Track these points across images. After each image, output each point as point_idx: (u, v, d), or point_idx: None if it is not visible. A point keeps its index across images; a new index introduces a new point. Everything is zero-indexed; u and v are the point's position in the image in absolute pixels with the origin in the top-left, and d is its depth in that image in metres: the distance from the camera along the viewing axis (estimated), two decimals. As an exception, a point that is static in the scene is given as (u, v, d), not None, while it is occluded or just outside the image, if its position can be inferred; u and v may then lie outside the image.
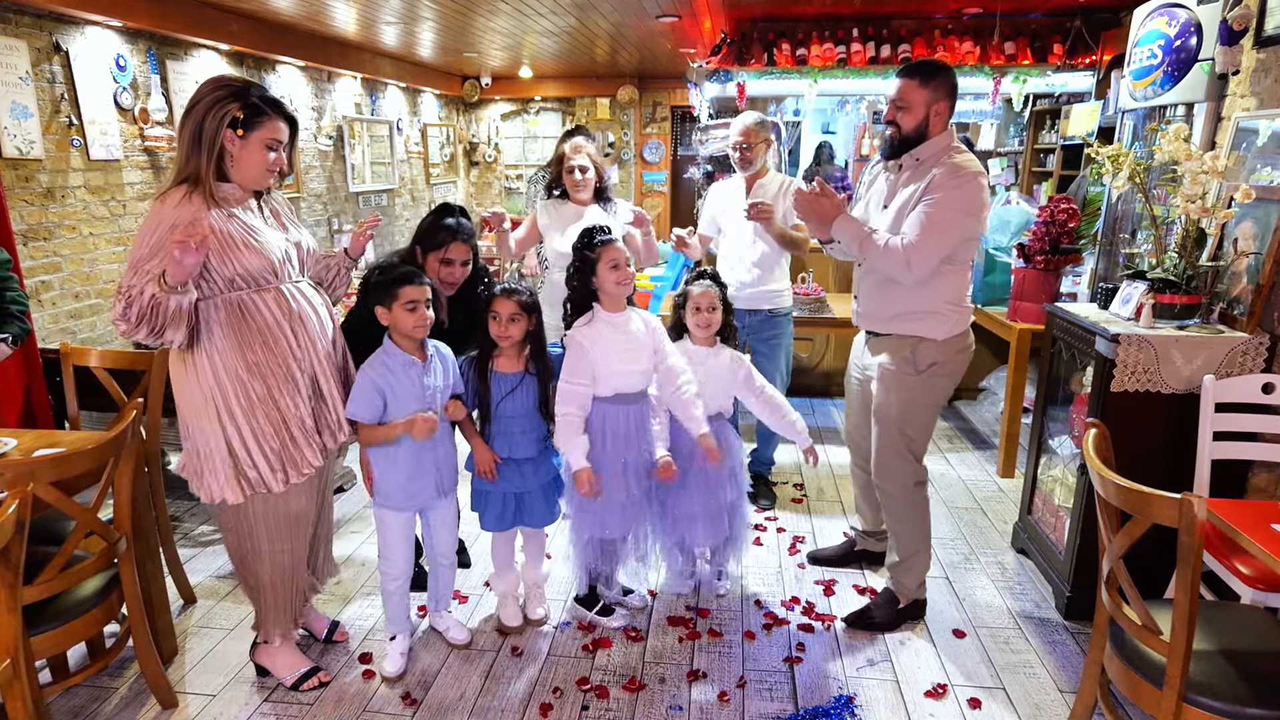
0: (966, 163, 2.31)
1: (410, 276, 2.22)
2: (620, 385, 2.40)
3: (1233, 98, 2.68)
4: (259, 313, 2.05)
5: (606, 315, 2.40)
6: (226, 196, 2.03)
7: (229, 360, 2.03)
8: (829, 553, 3.06)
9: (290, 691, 2.31)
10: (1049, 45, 5.11)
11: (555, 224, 3.14)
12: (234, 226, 2.01)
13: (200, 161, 1.97)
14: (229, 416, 2.05)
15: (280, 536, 2.20)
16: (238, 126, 1.97)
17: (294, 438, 2.12)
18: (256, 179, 2.06)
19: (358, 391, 2.19)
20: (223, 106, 1.95)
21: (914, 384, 2.45)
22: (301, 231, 2.26)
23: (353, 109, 7.19)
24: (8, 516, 1.51)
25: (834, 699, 2.27)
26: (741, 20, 5.38)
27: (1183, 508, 1.47)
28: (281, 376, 2.08)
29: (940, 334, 2.41)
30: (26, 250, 3.77)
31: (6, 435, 2.33)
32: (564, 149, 3.10)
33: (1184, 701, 1.58)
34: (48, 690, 2.05)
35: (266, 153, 2.03)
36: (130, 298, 1.86)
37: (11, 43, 3.70)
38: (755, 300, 3.28)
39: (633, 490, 2.45)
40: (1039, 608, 2.74)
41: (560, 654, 2.50)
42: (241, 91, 1.99)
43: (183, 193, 1.96)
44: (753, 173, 3.27)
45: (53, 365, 3.11)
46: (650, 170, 9.50)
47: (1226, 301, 2.51)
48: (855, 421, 2.81)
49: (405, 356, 2.24)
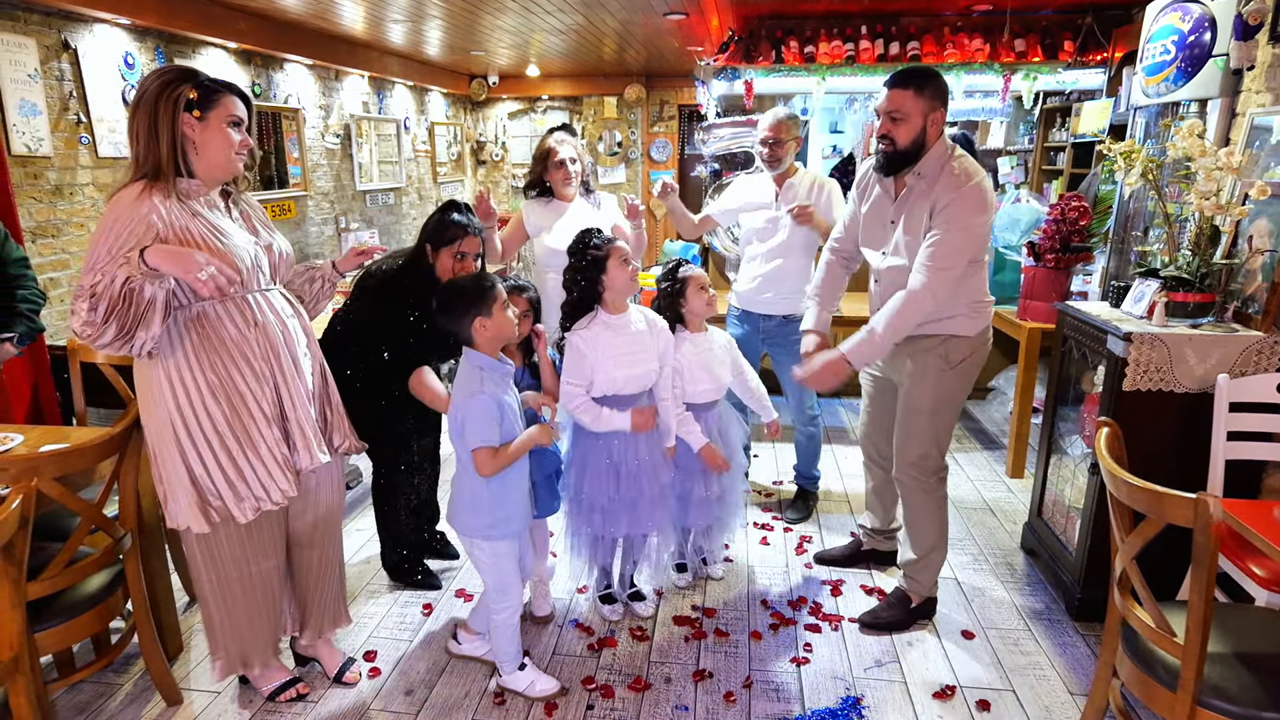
0: (964, 170, 2.26)
1: (490, 278, 2.09)
2: (615, 388, 2.37)
3: (1247, 93, 2.65)
4: (221, 326, 1.89)
5: (607, 317, 2.36)
6: (188, 191, 1.88)
7: (189, 380, 1.87)
8: (836, 553, 3.04)
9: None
10: (1060, 42, 5.07)
11: (544, 221, 3.06)
12: (197, 226, 1.85)
13: (160, 151, 1.82)
14: (190, 443, 1.89)
15: (246, 558, 2.03)
16: (193, 108, 1.83)
17: (263, 465, 1.95)
18: (223, 163, 1.91)
19: (484, 417, 2.00)
20: (174, 89, 1.82)
21: (949, 378, 2.44)
22: (275, 235, 2.09)
23: (360, 108, 7.19)
24: (11, 512, 1.50)
25: (841, 700, 2.25)
26: (749, 18, 5.36)
27: (1198, 508, 1.45)
28: (248, 398, 1.92)
29: (971, 331, 2.42)
30: (35, 247, 3.78)
31: (13, 431, 2.34)
32: (549, 144, 3.02)
33: (1198, 705, 1.55)
34: (53, 686, 2.04)
35: (230, 131, 1.89)
36: (97, 291, 1.69)
37: (21, 40, 3.72)
38: (772, 305, 3.20)
39: (624, 492, 2.40)
40: (1049, 609, 2.71)
41: (565, 653, 2.48)
42: (189, 73, 1.86)
43: (140, 187, 1.81)
44: (781, 172, 3.15)
45: (60, 362, 3.12)
46: (657, 169, 9.48)
47: (1241, 300, 2.48)
48: (870, 418, 2.80)
49: (504, 366, 2.10)
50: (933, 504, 2.54)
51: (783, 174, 3.16)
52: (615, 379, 2.34)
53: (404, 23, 5.68)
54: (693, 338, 2.60)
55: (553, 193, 3.07)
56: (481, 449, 2.02)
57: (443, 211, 2.51)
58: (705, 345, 2.61)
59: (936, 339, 2.43)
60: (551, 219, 3.05)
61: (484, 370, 2.06)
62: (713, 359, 2.60)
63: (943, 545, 2.59)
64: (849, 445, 4.24)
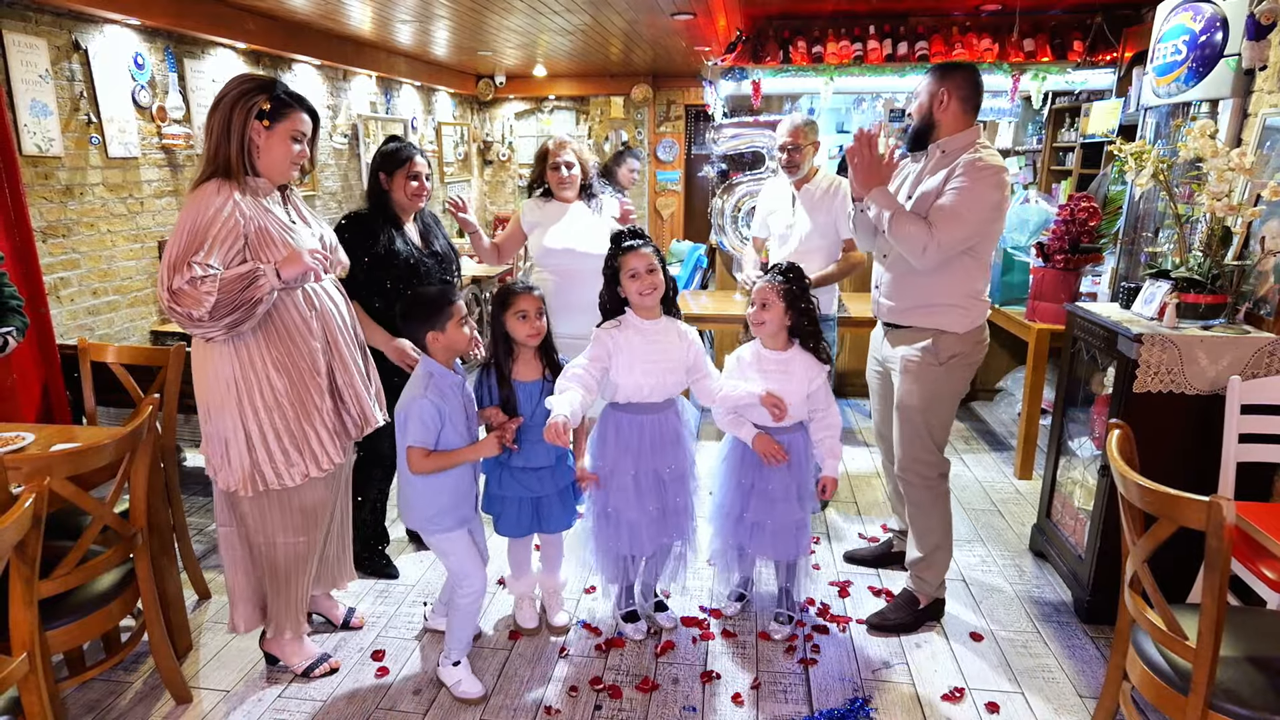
0: (991, 158, 2.31)
1: (452, 294, 2.21)
2: (637, 395, 2.33)
3: (1259, 94, 2.63)
4: (286, 312, 2.09)
5: (637, 322, 2.31)
6: (255, 188, 2.08)
7: (255, 355, 2.07)
8: (866, 554, 3.03)
9: (305, 686, 2.31)
10: (1069, 42, 5.04)
11: (541, 223, 3.06)
12: (270, 221, 2.07)
13: (229, 151, 2.02)
14: (251, 410, 2.08)
15: (294, 528, 2.21)
16: (264, 118, 2.03)
17: (316, 433, 2.15)
18: (281, 171, 2.11)
19: (420, 419, 2.10)
20: (250, 99, 2.02)
21: (937, 375, 2.44)
22: (323, 227, 2.29)
23: (368, 108, 7.21)
24: (24, 510, 1.51)
25: (849, 701, 2.25)
26: (757, 18, 5.35)
27: (1211, 511, 1.44)
28: (306, 373, 2.12)
29: (960, 327, 2.42)
30: (45, 247, 3.79)
31: (24, 430, 2.35)
32: (548, 145, 3.03)
33: (1210, 708, 1.54)
34: (63, 684, 2.06)
35: (291, 144, 2.09)
36: (201, 289, 1.90)
37: (32, 41, 3.73)
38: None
39: (648, 507, 2.36)
40: (1057, 611, 2.70)
41: (573, 653, 2.48)
42: (268, 85, 2.06)
43: (217, 184, 2.01)
44: (800, 177, 3.15)
45: (69, 361, 3.13)
46: (664, 169, 9.48)
47: (1253, 301, 2.46)
48: (881, 415, 2.80)
49: (453, 376, 2.21)
50: (935, 501, 2.54)
51: (802, 179, 3.17)
52: (641, 386, 2.30)
53: (412, 23, 5.69)
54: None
55: (552, 193, 3.08)
56: (414, 449, 2.12)
57: (386, 143, 2.76)
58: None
59: (926, 332, 2.44)
60: (548, 218, 3.05)
61: (433, 376, 2.17)
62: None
63: (947, 544, 2.58)
64: (856, 446, 4.23)
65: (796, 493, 2.42)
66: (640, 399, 2.33)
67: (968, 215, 2.26)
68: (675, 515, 2.44)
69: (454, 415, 2.17)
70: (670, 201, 9.61)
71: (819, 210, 3.14)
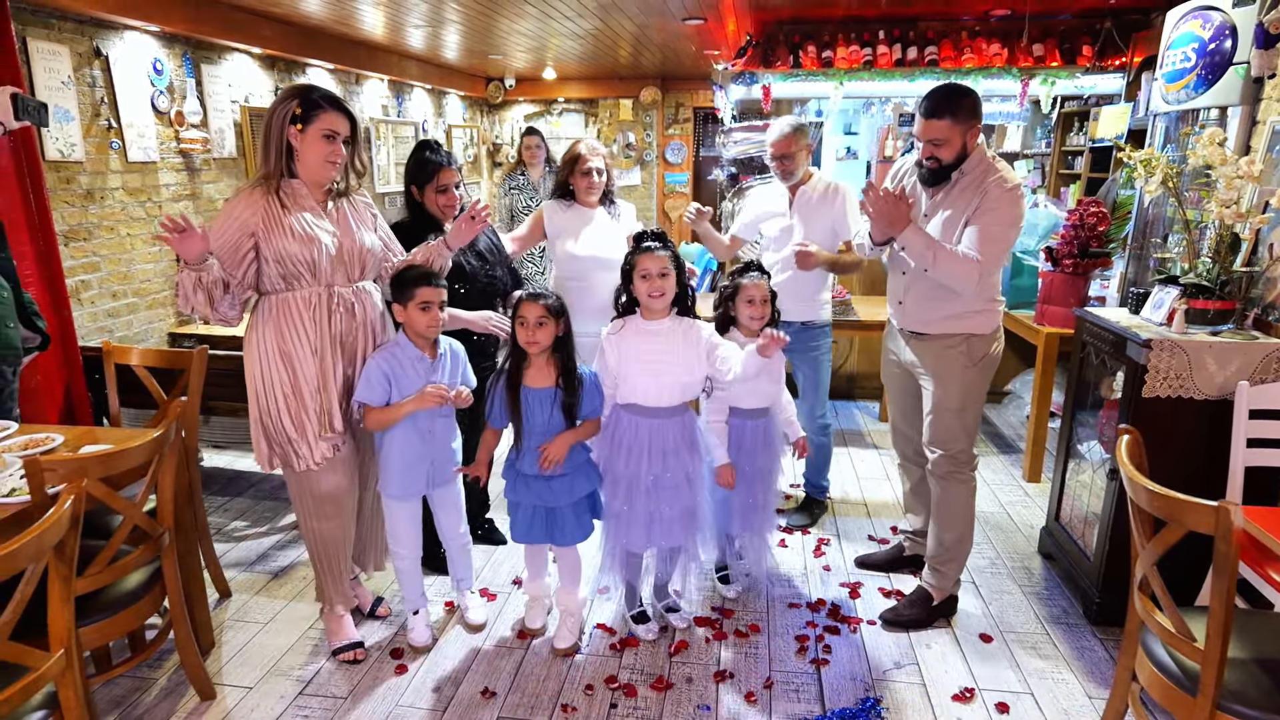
0: (1008, 174, 2.37)
1: (428, 277, 2.30)
2: (637, 396, 2.37)
3: (1268, 101, 2.65)
4: (295, 311, 2.26)
5: (639, 323, 2.38)
6: (295, 191, 2.24)
7: (269, 347, 2.26)
8: (879, 558, 3.06)
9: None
10: (1078, 47, 5.06)
11: (566, 228, 3.09)
12: (293, 219, 2.21)
13: (270, 157, 2.21)
14: (262, 397, 2.30)
15: (314, 513, 2.39)
16: (296, 121, 2.17)
17: (309, 427, 2.30)
18: (319, 169, 2.24)
19: (366, 377, 2.31)
20: (285, 106, 2.18)
21: (973, 375, 2.53)
22: (364, 233, 2.37)
23: (379, 110, 7.26)
24: (64, 511, 1.56)
25: (860, 701, 2.28)
26: (767, 22, 5.38)
27: (1220, 516, 1.47)
28: (310, 370, 2.27)
29: (987, 329, 2.51)
30: (67, 250, 3.85)
31: (52, 431, 2.40)
32: (580, 150, 3.06)
33: (1218, 709, 1.57)
34: (91, 681, 2.10)
35: (324, 142, 2.20)
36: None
37: (54, 48, 3.79)
38: (789, 312, 3.17)
39: (650, 508, 2.39)
40: (1066, 613, 2.73)
41: (588, 652, 2.52)
42: (300, 91, 2.21)
43: (252, 189, 2.21)
44: (795, 182, 3.17)
45: (91, 363, 3.19)
46: (672, 171, 9.50)
47: (1261, 307, 2.49)
48: (899, 411, 2.84)
49: (415, 352, 2.34)
50: (965, 494, 2.59)
51: (797, 183, 3.19)
52: (636, 386, 2.35)
53: (423, 27, 5.74)
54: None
55: (575, 197, 3.12)
56: (362, 404, 2.32)
57: (416, 153, 2.73)
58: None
59: (959, 338, 2.51)
60: (575, 225, 3.08)
61: (397, 345, 2.34)
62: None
63: (969, 537, 2.63)
64: (865, 449, 4.26)
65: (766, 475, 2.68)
66: (639, 400, 2.37)
67: (1005, 237, 2.36)
68: (685, 518, 2.47)
69: (407, 389, 2.31)
70: (678, 204, 9.64)
71: (816, 214, 3.14)
